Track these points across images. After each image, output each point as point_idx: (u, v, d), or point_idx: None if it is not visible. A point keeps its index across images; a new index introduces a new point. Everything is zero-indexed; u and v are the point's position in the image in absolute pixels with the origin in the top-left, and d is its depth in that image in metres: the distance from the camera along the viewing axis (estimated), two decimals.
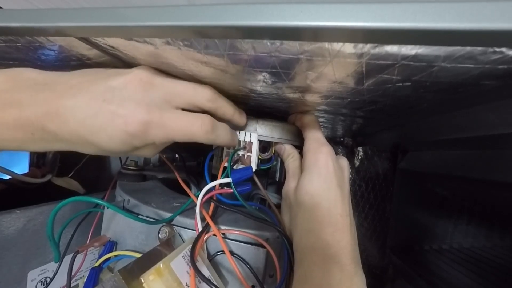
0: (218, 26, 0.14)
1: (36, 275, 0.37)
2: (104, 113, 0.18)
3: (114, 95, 0.19)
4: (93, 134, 0.19)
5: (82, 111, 0.18)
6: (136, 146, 0.20)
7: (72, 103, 0.18)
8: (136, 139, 0.19)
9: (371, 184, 0.60)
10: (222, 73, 0.20)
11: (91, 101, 0.18)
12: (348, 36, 0.13)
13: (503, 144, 0.28)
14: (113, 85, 0.19)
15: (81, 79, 0.20)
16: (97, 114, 0.18)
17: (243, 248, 0.26)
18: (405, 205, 0.56)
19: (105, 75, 0.20)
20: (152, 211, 0.28)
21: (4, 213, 0.34)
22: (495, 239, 0.57)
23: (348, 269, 0.21)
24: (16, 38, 0.20)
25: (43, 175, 0.43)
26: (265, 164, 0.32)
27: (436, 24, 0.12)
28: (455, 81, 0.17)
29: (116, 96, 0.19)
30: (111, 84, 0.19)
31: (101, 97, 0.19)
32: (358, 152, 0.61)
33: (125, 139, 0.19)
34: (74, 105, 0.18)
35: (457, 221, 0.57)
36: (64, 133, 0.19)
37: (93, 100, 0.19)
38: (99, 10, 0.16)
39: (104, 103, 0.19)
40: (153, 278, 0.20)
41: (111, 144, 0.19)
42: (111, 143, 0.19)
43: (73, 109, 0.18)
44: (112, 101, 0.19)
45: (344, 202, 0.24)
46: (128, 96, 0.19)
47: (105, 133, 0.19)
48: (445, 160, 0.39)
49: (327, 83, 0.19)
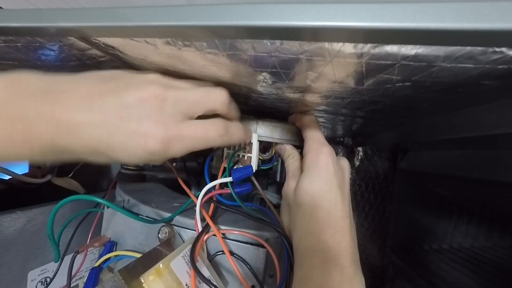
0: (218, 26, 0.14)
1: (36, 275, 0.37)
2: (122, 132, 0.18)
3: (131, 113, 0.19)
4: (109, 149, 0.19)
5: (98, 129, 0.18)
6: (155, 161, 0.20)
7: (84, 119, 0.18)
8: (155, 156, 0.19)
9: (371, 184, 0.60)
10: (222, 73, 0.20)
11: (106, 120, 0.18)
12: (348, 36, 0.13)
13: (503, 144, 0.28)
14: (128, 102, 0.19)
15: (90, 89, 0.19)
16: (115, 133, 0.18)
17: (243, 248, 0.26)
18: (405, 205, 0.56)
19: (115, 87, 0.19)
20: (152, 211, 0.28)
21: (4, 213, 0.34)
22: (495, 239, 0.57)
23: (348, 271, 0.21)
24: (16, 38, 0.20)
25: (43, 175, 0.43)
26: (266, 165, 0.32)
27: (436, 24, 0.12)
28: (455, 81, 0.17)
29: (133, 115, 0.19)
30: (125, 101, 0.19)
31: (117, 115, 0.18)
32: (358, 152, 0.61)
33: (144, 157, 0.19)
34: (87, 122, 0.18)
35: (457, 221, 0.57)
36: (77, 147, 0.18)
37: (108, 118, 0.18)
38: (99, 10, 0.16)
39: (122, 122, 0.18)
40: (153, 278, 0.20)
41: (129, 159, 0.19)
42: (129, 158, 0.19)
43: (87, 126, 0.18)
44: (129, 119, 0.18)
45: (344, 204, 0.24)
46: (145, 114, 0.19)
47: (125, 151, 0.19)
48: (445, 160, 0.39)
49: (327, 83, 0.19)
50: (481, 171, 0.32)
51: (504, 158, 0.29)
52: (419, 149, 0.47)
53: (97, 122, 0.18)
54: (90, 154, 0.19)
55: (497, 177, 0.30)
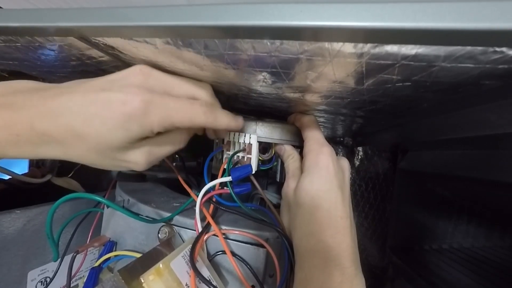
0: (218, 26, 0.14)
1: (36, 275, 0.37)
2: (100, 99, 0.18)
3: (113, 84, 0.19)
4: (85, 122, 0.18)
5: (77, 103, 0.18)
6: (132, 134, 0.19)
7: (67, 99, 0.18)
8: (133, 121, 0.18)
9: (371, 184, 0.60)
10: (222, 73, 0.20)
11: (87, 93, 0.18)
12: (348, 36, 0.13)
13: (503, 144, 0.28)
14: (112, 78, 0.19)
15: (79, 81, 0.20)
16: (93, 102, 0.18)
17: (243, 248, 0.26)
18: (405, 205, 0.56)
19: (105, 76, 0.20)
20: (152, 211, 0.28)
21: (4, 213, 0.34)
22: (495, 239, 0.57)
23: (349, 271, 0.21)
24: (16, 38, 0.20)
25: (43, 175, 0.43)
26: (266, 165, 0.32)
27: (436, 24, 0.12)
28: (455, 81, 0.17)
29: (115, 85, 0.19)
30: (110, 78, 0.19)
31: (99, 87, 0.18)
32: (358, 152, 0.61)
33: (121, 123, 0.18)
34: (68, 100, 0.18)
35: (457, 221, 0.57)
36: (53, 130, 0.18)
37: (89, 92, 0.18)
38: (99, 10, 0.16)
39: (102, 92, 0.18)
40: (153, 278, 0.20)
41: (102, 131, 0.18)
42: (103, 130, 0.18)
43: (67, 104, 0.18)
44: (111, 89, 0.18)
45: (345, 204, 0.24)
46: (128, 83, 0.19)
47: (99, 118, 0.18)
48: (445, 160, 0.39)
49: (327, 83, 0.19)
50: (481, 171, 0.32)
51: (504, 158, 0.29)
52: (419, 149, 0.47)
53: (78, 98, 0.18)
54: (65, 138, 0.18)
55: (497, 177, 0.30)
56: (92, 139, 0.18)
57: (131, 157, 0.20)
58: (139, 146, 0.20)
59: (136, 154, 0.20)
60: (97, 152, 0.19)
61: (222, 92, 0.26)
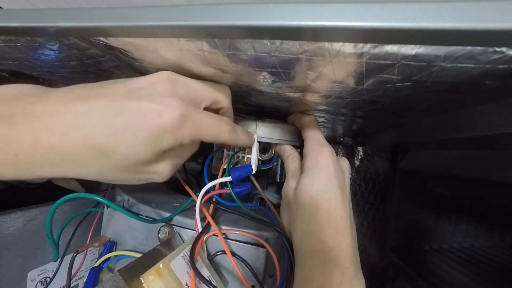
0: (218, 26, 0.14)
1: (36, 275, 0.37)
2: (130, 110, 0.16)
3: (141, 93, 0.17)
4: (111, 136, 0.15)
5: (99, 114, 0.15)
6: (163, 147, 0.17)
7: (83, 108, 0.15)
8: (168, 134, 0.17)
9: (371, 184, 0.60)
10: (222, 72, 0.20)
11: (110, 103, 0.16)
12: (348, 36, 0.13)
13: (503, 144, 0.28)
14: (137, 86, 0.17)
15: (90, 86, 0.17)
16: (121, 113, 0.16)
17: (243, 248, 0.26)
18: (405, 205, 0.56)
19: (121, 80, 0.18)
20: (152, 211, 0.28)
21: (4, 213, 0.34)
22: (495, 239, 0.57)
23: (349, 271, 0.21)
24: (16, 38, 0.20)
25: None
26: (266, 165, 0.32)
27: (436, 24, 0.12)
28: (455, 81, 0.17)
29: (144, 94, 0.17)
30: (133, 86, 0.17)
31: (124, 97, 0.16)
32: (358, 152, 0.61)
33: (155, 135, 0.16)
34: (86, 110, 0.15)
35: (457, 221, 0.57)
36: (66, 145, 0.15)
37: (114, 101, 0.16)
38: (99, 10, 0.16)
39: (130, 101, 0.16)
40: (153, 278, 0.20)
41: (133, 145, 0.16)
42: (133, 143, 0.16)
43: (85, 115, 0.15)
44: (140, 98, 0.16)
45: (345, 204, 0.24)
46: (157, 92, 0.17)
47: (130, 131, 0.16)
48: (445, 160, 0.39)
49: (327, 83, 0.19)
50: (481, 171, 0.32)
51: (504, 158, 0.29)
52: (419, 149, 0.47)
53: (99, 108, 0.15)
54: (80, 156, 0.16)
55: (497, 177, 0.30)
56: (118, 155, 0.16)
57: (156, 169, 0.19)
58: (165, 156, 0.19)
59: (161, 165, 0.19)
60: (121, 167, 0.17)
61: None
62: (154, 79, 0.18)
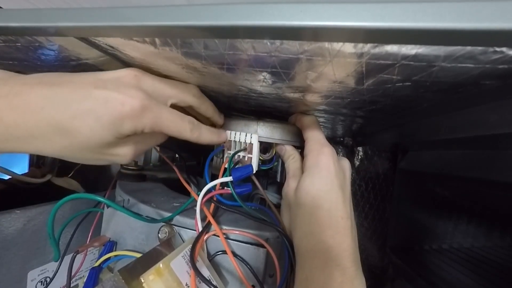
0: (218, 26, 0.14)
1: (36, 275, 0.37)
2: (96, 96, 0.17)
3: (107, 84, 0.18)
4: (75, 118, 0.17)
5: (64, 98, 0.17)
6: (123, 131, 0.19)
7: (49, 92, 0.17)
8: (128, 121, 0.18)
9: (371, 184, 0.60)
10: (221, 73, 0.20)
11: (77, 89, 0.17)
12: (348, 36, 0.13)
13: (503, 144, 0.28)
14: (105, 77, 0.19)
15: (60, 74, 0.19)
16: (86, 99, 0.17)
17: (243, 248, 0.26)
18: (405, 205, 0.56)
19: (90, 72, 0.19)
20: (152, 210, 0.28)
21: (4, 213, 0.34)
22: (495, 239, 0.57)
23: (349, 272, 0.21)
24: (16, 38, 0.20)
25: (43, 175, 0.43)
26: (266, 165, 0.32)
27: (436, 24, 0.12)
28: (455, 81, 0.17)
29: (110, 85, 0.18)
30: (102, 77, 0.19)
31: (91, 85, 0.18)
32: (358, 152, 0.61)
33: (116, 121, 0.18)
34: (53, 94, 0.17)
35: (457, 221, 0.57)
36: (30, 123, 0.16)
37: (80, 88, 0.17)
38: (99, 10, 0.16)
39: (96, 89, 0.17)
40: (153, 278, 0.20)
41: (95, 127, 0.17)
42: (95, 126, 0.17)
43: (51, 97, 0.17)
44: (106, 87, 0.18)
45: (346, 204, 0.24)
46: (124, 85, 0.19)
47: (94, 114, 0.17)
48: (445, 160, 0.39)
49: (327, 83, 0.19)
50: (481, 171, 0.32)
51: (504, 158, 0.29)
52: (419, 149, 0.47)
53: (66, 93, 0.17)
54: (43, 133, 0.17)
55: (497, 177, 0.30)
56: (81, 135, 0.18)
57: (118, 151, 0.21)
58: (127, 140, 0.21)
59: (123, 148, 0.21)
60: (83, 147, 0.19)
61: (222, 93, 0.26)
62: (122, 73, 0.20)
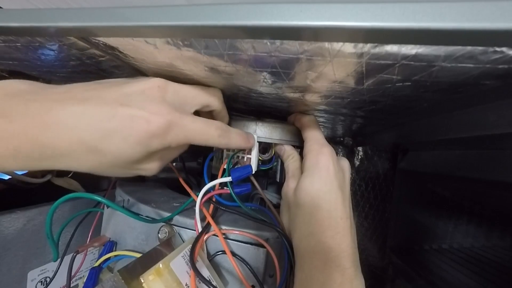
0: (218, 26, 0.14)
1: (36, 275, 0.37)
2: (121, 116, 0.17)
3: (132, 99, 0.18)
4: (103, 138, 0.17)
5: (93, 117, 0.17)
6: (151, 150, 0.19)
7: (79, 109, 0.17)
8: (155, 139, 0.18)
9: (371, 184, 0.60)
10: (222, 73, 0.20)
11: (104, 107, 0.17)
12: (348, 36, 0.13)
13: (503, 144, 0.28)
14: (128, 92, 0.19)
15: (86, 87, 0.19)
16: (113, 118, 0.17)
17: (243, 248, 0.26)
18: (405, 205, 0.56)
19: (115, 83, 0.19)
20: (152, 210, 0.28)
21: (4, 213, 0.34)
22: (495, 239, 0.57)
23: (349, 272, 0.21)
24: (16, 38, 0.20)
25: (43, 175, 0.43)
26: (266, 165, 0.32)
27: (436, 24, 0.12)
28: (455, 81, 0.17)
29: (134, 101, 0.18)
30: (127, 91, 0.19)
31: (117, 102, 0.18)
32: (358, 152, 0.61)
33: (143, 140, 0.18)
34: (82, 112, 0.17)
35: (457, 221, 0.57)
36: (62, 143, 0.17)
37: (106, 105, 0.17)
38: (99, 10, 0.16)
39: (122, 107, 0.17)
40: (153, 278, 0.20)
41: (123, 147, 0.18)
42: (123, 146, 0.18)
43: (81, 116, 0.17)
44: (131, 105, 0.18)
45: (345, 205, 0.24)
46: (148, 100, 0.19)
47: (120, 134, 0.17)
48: (445, 160, 0.39)
49: (327, 83, 0.19)
50: (481, 171, 0.32)
51: (504, 158, 0.29)
52: (419, 149, 0.47)
53: (94, 111, 0.17)
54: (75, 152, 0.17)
55: (497, 177, 0.30)
56: (110, 155, 0.18)
57: (145, 166, 0.21)
58: (153, 155, 0.20)
59: (150, 163, 0.21)
60: (112, 164, 0.19)
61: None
62: (146, 85, 0.19)
